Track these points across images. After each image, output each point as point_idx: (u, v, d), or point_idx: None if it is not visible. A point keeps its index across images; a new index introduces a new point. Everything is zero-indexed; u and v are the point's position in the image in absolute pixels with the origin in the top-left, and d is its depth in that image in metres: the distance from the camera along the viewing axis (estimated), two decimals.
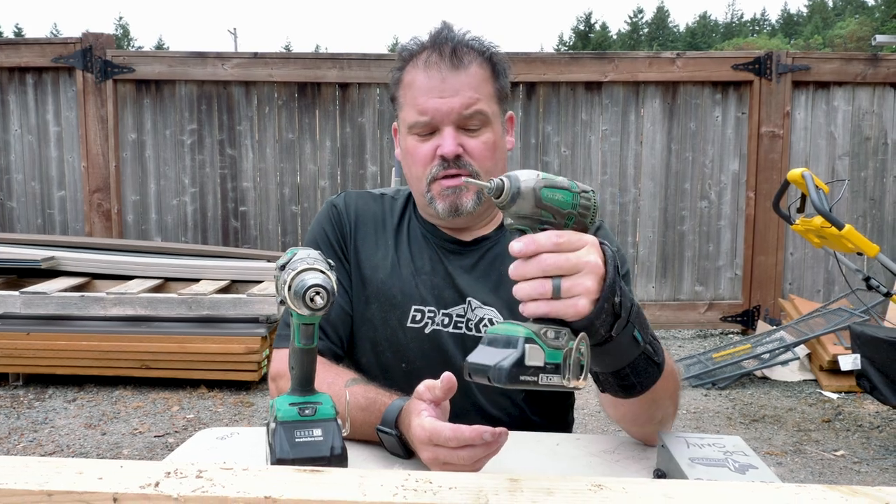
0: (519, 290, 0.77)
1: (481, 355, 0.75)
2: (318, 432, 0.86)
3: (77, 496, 0.61)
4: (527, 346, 0.73)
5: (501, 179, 0.77)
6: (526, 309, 0.77)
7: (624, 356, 0.85)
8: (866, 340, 3.21)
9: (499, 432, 0.88)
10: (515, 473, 0.65)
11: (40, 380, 3.99)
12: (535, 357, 0.74)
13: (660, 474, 0.84)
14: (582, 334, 0.76)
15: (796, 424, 3.51)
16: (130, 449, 3.14)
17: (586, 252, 0.77)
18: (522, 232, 0.79)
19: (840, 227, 3.13)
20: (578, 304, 0.75)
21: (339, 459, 0.85)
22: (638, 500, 0.59)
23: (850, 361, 3.38)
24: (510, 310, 1.21)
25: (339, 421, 0.90)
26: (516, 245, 0.76)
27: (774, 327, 4.55)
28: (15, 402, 3.70)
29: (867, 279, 3.49)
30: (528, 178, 0.77)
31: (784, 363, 4.16)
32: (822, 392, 3.98)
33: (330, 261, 0.88)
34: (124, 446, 3.17)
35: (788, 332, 4.22)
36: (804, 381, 4.16)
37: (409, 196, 1.35)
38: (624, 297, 0.80)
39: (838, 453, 3.17)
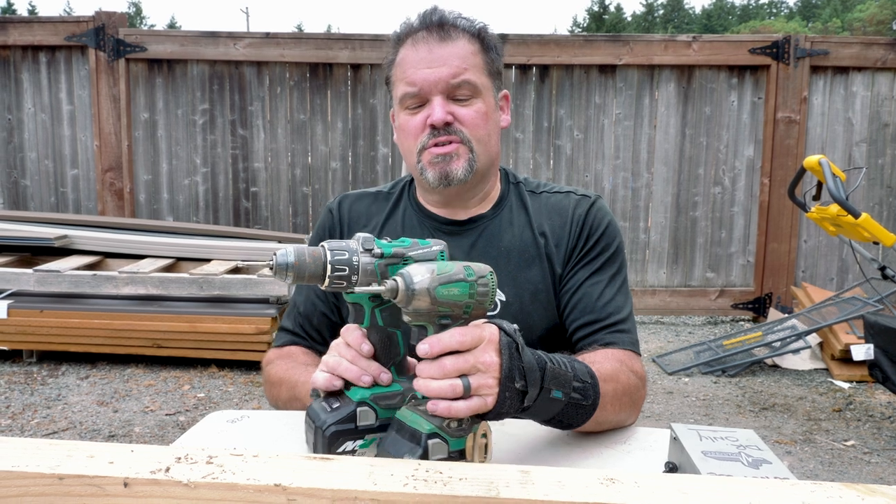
0: (430, 391, 0.79)
1: (391, 446, 0.80)
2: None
3: (88, 480, 0.61)
4: (430, 442, 0.77)
5: (395, 280, 0.78)
6: (438, 409, 0.78)
7: (547, 412, 0.88)
8: (880, 330, 3.18)
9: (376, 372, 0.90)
10: (527, 465, 0.64)
11: (53, 357, 4.03)
12: (438, 451, 0.78)
13: (671, 467, 0.83)
14: (483, 422, 0.81)
15: (806, 413, 3.50)
16: (142, 427, 3.17)
17: (482, 351, 0.79)
18: (422, 328, 0.81)
19: (857, 216, 3.10)
20: (487, 401, 0.79)
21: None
22: (651, 495, 0.58)
23: (863, 351, 3.36)
24: (512, 284, 1.22)
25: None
26: (422, 347, 0.79)
27: (786, 315, 4.52)
28: (29, 379, 3.74)
29: (882, 268, 3.46)
30: (422, 277, 0.77)
31: (795, 351, 4.14)
32: (834, 381, 3.96)
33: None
34: (136, 424, 3.20)
35: (800, 320, 4.19)
36: (815, 369, 4.14)
37: (405, 186, 1.35)
38: (529, 373, 0.82)
39: (848, 443, 3.15)
